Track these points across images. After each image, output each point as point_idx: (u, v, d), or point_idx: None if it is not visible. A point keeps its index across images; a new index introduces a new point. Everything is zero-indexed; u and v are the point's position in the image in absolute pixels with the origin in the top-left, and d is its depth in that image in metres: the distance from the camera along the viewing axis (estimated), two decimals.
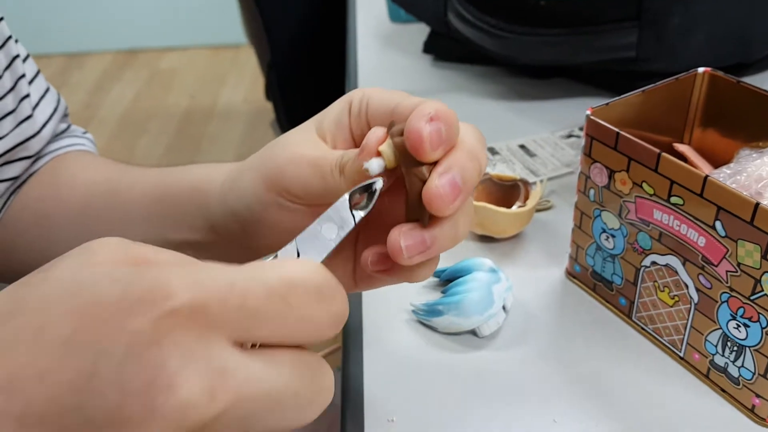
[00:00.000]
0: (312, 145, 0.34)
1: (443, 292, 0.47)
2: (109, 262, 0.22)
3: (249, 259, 0.40)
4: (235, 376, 0.21)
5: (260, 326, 0.22)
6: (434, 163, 0.29)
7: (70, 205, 0.48)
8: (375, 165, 0.29)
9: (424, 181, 0.29)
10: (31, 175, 0.51)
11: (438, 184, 0.28)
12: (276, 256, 0.28)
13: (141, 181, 0.46)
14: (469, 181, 0.29)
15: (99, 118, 2.30)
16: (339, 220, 0.28)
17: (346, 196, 0.29)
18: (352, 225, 0.28)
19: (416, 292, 0.49)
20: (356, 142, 0.34)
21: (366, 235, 0.35)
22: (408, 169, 0.29)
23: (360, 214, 0.29)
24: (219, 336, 0.21)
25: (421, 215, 0.29)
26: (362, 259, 0.32)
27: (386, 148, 0.29)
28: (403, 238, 0.29)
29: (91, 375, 0.20)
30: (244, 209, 0.36)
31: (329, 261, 0.28)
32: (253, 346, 0.23)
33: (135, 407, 0.20)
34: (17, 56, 0.50)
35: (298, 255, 0.28)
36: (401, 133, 0.29)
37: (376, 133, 0.30)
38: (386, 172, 0.30)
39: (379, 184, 0.29)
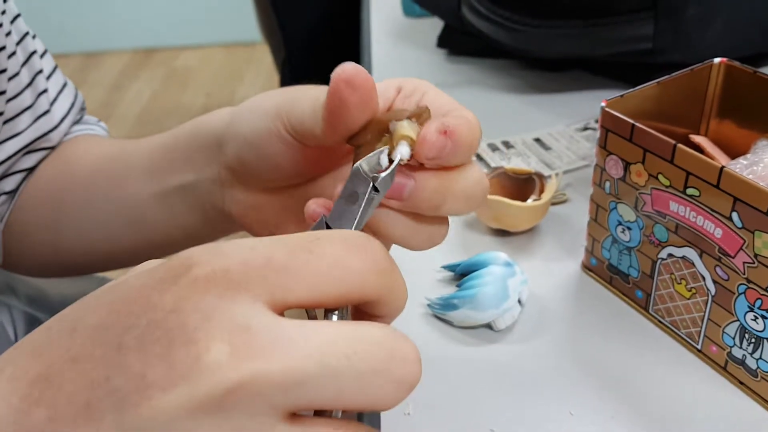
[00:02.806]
0: None
1: (458, 286, 0.47)
2: None
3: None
4: (262, 334, 0.20)
5: (289, 280, 0.21)
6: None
7: (79, 178, 0.49)
8: (403, 151, 0.29)
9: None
10: (42, 159, 0.52)
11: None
12: None
13: (150, 138, 0.46)
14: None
15: (117, 117, 2.32)
16: (357, 186, 0.28)
17: (358, 163, 0.29)
18: (369, 187, 0.28)
19: (431, 286, 0.49)
20: None
21: None
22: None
23: (381, 176, 0.28)
24: (244, 296, 0.21)
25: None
26: (305, 209, 0.32)
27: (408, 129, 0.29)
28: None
29: (117, 347, 0.20)
30: (250, 132, 0.36)
31: None
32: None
33: (158, 369, 0.20)
34: (34, 52, 0.50)
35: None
36: (415, 118, 0.30)
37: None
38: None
39: (384, 156, 0.29)
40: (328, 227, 0.28)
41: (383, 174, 0.28)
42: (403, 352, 0.21)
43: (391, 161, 0.29)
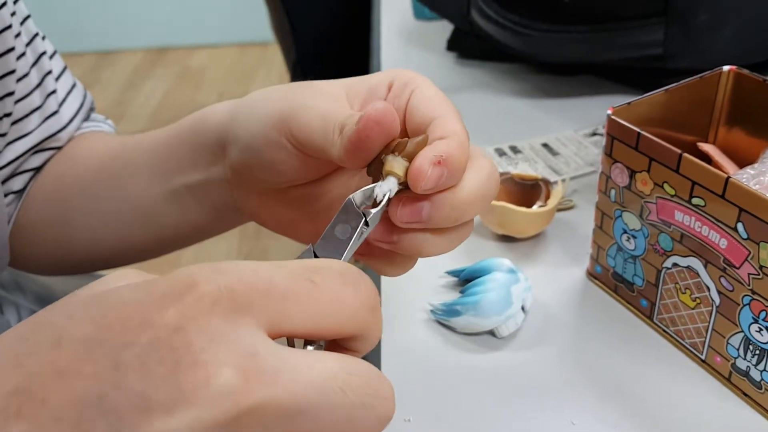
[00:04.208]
0: (335, 100, 0.33)
1: (462, 292, 0.47)
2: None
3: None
4: (269, 361, 0.20)
5: (290, 308, 0.21)
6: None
7: (84, 174, 0.49)
8: (387, 186, 0.30)
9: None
10: (49, 158, 0.52)
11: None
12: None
13: (151, 134, 0.46)
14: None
15: (130, 116, 2.34)
16: (349, 220, 0.29)
17: (351, 196, 0.29)
18: (361, 222, 0.28)
19: (434, 292, 0.49)
20: None
21: None
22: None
23: (372, 212, 0.29)
24: (248, 320, 0.20)
25: None
26: None
27: (397, 164, 0.30)
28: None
29: (114, 365, 0.19)
30: (249, 137, 0.36)
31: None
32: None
33: (161, 391, 0.19)
34: (44, 53, 0.51)
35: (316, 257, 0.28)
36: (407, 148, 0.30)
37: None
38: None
39: (380, 188, 0.29)
40: (316, 256, 0.28)
41: (374, 210, 0.29)
42: (383, 389, 0.22)
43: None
